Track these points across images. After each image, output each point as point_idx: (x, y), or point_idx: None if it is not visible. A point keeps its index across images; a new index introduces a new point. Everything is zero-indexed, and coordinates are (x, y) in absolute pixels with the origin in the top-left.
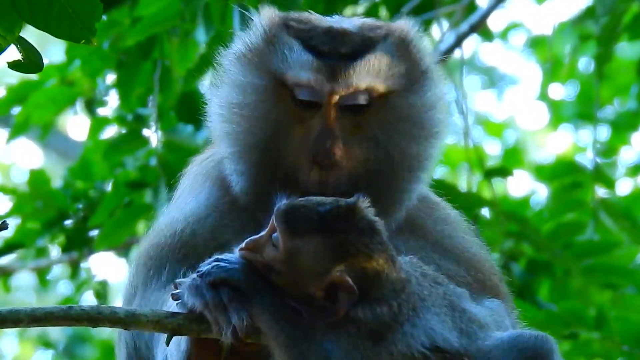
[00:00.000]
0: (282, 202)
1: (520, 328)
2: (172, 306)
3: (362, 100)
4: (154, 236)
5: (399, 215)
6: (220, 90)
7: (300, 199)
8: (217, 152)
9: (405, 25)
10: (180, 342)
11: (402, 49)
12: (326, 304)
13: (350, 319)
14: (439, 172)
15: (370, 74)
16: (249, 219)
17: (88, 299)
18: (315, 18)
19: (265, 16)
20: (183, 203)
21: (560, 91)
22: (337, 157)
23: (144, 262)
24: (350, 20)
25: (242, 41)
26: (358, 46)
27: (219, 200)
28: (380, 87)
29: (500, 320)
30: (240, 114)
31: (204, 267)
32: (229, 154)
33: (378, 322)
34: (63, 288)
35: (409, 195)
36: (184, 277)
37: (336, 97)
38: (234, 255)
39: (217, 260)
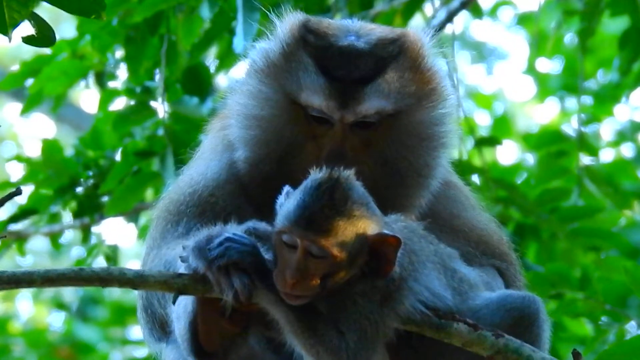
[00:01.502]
0: (290, 222)
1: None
2: (180, 267)
3: (372, 119)
4: (174, 193)
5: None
6: (239, 98)
7: (293, 207)
8: None
9: (420, 39)
10: (187, 304)
11: (414, 68)
12: (375, 265)
13: (362, 289)
14: None
15: (380, 98)
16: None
17: (99, 262)
18: (334, 29)
19: (286, 28)
20: (204, 164)
21: (546, 64)
22: None
23: (163, 216)
24: (367, 31)
25: (261, 53)
26: (370, 70)
27: (239, 172)
28: (389, 108)
29: (488, 281)
30: (257, 125)
31: (215, 248)
32: (243, 157)
33: (388, 283)
34: (75, 252)
35: (419, 200)
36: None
37: (346, 120)
38: (245, 235)
39: (229, 240)
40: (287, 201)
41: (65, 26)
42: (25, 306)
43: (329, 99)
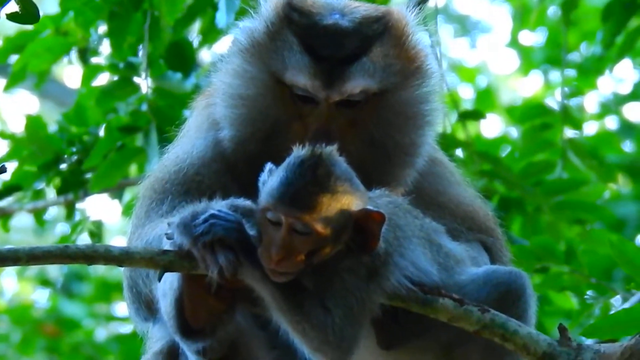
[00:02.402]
0: (274, 200)
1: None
2: (165, 244)
3: (357, 97)
4: (159, 171)
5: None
6: (224, 77)
7: (277, 184)
8: None
9: (404, 17)
10: (172, 281)
11: (399, 46)
12: (361, 240)
13: (347, 265)
14: None
15: (365, 76)
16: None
17: (83, 239)
18: (318, 7)
19: (270, 6)
20: (189, 143)
21: (529, 37)
22: None
23: (148, 194)
24: (352, 9)
25: (246, 32)
26: (355, 48)
27: (225, 150)
28: (374, 87)
29: (474, 256)
30: (242, 104)
31: (200, 224)
32: (229, 136)
33: (374, 258)
34: (60, 229)
35: (406, 177)
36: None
37: (331, 99)
38: (230, 212)
39: (214, 216)
40: (271, 178)
41: (47, 2)
42: (9, 283)
43: (314, 78)
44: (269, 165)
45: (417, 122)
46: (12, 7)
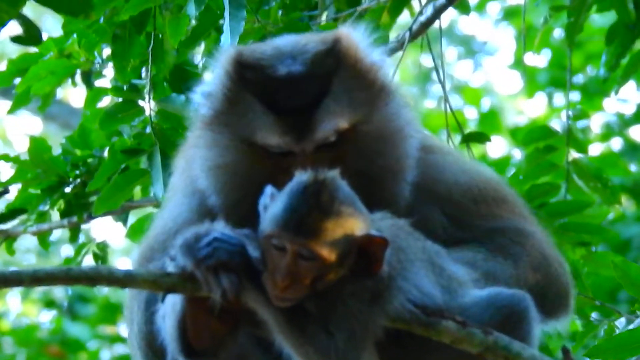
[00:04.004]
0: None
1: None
2: (168, 266)
3: (331, 139)
4: (150, 238)
5: (399, 206)
6: (198, 152)
7: (281, 211)
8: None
9: (352, 40)
10: (175, 302)
11: (356, 75)
12: (364, 264)
13: (351, 290)
14: None
15: (333, 118)
16: None
17: (88, 261)
18: (268, 57)
19: (222, 69)
20: (176, 210)
21: (534, 59)
22: None
23: (140, 262)
24: (301, 49)
25: (207, 103)
26: (315, 93)
27: (209, 208)
28: (344, 125)
29: (477, 279)
30: (222, 173)
31: (204, 248)
32: (219, 204)
33: (377, 282)
34: (65, 251)
35: (400, 192)
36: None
37: (307, 150)
38: (233, 235)
39: (217, 240)
40: (273, 205)
41: (47, 20)
42: (14, 304)
43: (284, 135)
44: (269, 189)
45: (395, 140)
46: (16, 29)
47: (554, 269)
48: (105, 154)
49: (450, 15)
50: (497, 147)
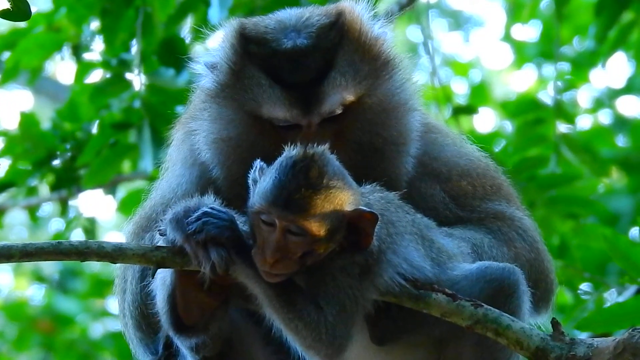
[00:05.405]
0: (267, 203)
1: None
2: (158, 240)
3: (337, 112)
4: (147, 209)
5: (401, 180)
6: (202, 124)
7: (270, 187)
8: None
9: (356, 14)
10: (165, 277)
11: (361, 48)
12: (354, 239)
13: (340, 264)
14: None
15: (338, 91)
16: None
17: (77, 235)
18: (273, 31)
19: (227, 43)
20: (175, 181)
21: (523, 32)
22: None
23: (136, 232)
24: (305, 22)
25: (211, 76)
26: (321, 66)
27: (210, 180)
28: (350, 97)
29: (467, 252)
30: (227, 146)
31: (193, 222)
32: (222, 178)
33: (367, 256)
34: (55, 225)
35: (403, 167)
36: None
37: (313, 123)
38: (222, 209)
39: (206, 214)
40: (263, 180)
41: None
42: (5, 279)
43: (291, 108)
44: (258, 163)
45: (399, 112)
46: (4, 4)
47: (545, 266)
48: (94, 128)
49: None
50: (486, 120)
